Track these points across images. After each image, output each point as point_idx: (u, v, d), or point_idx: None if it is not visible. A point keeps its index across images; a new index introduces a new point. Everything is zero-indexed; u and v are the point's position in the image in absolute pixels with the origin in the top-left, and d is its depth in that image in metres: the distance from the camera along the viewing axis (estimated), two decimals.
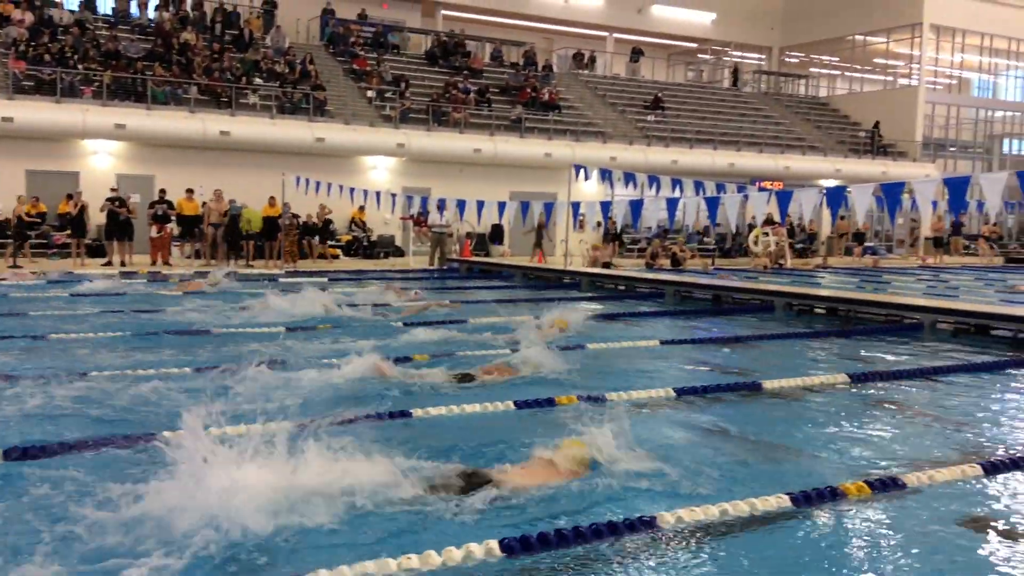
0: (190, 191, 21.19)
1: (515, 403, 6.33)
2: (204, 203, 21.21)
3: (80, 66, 22.95)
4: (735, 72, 39.78)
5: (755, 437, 5.86)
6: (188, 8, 28.07)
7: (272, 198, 21.29)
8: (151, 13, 27.52)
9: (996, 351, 9.70)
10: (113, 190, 20.64)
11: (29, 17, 24.21)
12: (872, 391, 7.43)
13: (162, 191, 20.88)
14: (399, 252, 25.44)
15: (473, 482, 4.27)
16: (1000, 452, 5.53)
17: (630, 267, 22.41)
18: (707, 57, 41.41)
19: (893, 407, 6.92)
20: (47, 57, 22.63)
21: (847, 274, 22.51)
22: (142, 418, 5.75)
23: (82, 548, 3.60)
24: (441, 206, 21.63)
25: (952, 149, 39.30)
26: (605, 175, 19.38)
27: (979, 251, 32.67)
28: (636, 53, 37.67)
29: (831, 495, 4.47)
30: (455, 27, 34.43)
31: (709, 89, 38.20)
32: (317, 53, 28.76)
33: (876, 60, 40.38)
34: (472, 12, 34.79)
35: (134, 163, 23.07)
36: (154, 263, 20.18)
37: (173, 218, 20.93)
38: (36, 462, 4.72)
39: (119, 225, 20.03)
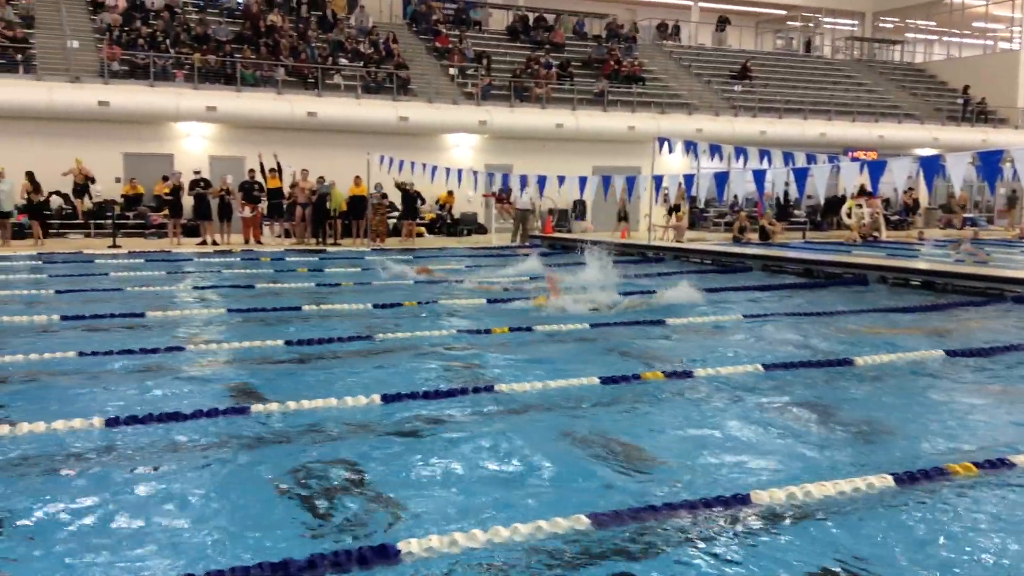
0: (273, 170, 21.55)
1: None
2: (293, 184, 21.52)
3: (172, 50, 23.56)
4: (808, 43, 38.55)
5: (849, 415, 5.68)
6: None
7: (357, 177, 21.52)
8: None
9: None
10: (196, 172, 21.16)
11: (122, 3, 24.91)
12: (970, 367, 7.14)
13: (251, 171, 21.31)
14: (482, 229, 25.49)
15: None
16: None
17: (716, 241, 22.00)
18: (796, 24, 40.20)
19: (993, 384, 6.63)
20: (140, 42, 23.28)
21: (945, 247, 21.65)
22: None
23: None
24: (523, 184, 21.50)
25: None
26: (689, 147, 19.02)
27: None
28: (722, 22, 36.80)
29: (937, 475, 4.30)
30: (536, 2, 34.15)
31: (799, 57, 37.09)
32: (400, 32, 28.89)
33: (975, 24, 38.61)
34: None
35: (225, 144, 23.58)
36: (247, 241, 20.66)
37: (264, 199, 21.34)
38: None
39: (208, 206, 20.55)
